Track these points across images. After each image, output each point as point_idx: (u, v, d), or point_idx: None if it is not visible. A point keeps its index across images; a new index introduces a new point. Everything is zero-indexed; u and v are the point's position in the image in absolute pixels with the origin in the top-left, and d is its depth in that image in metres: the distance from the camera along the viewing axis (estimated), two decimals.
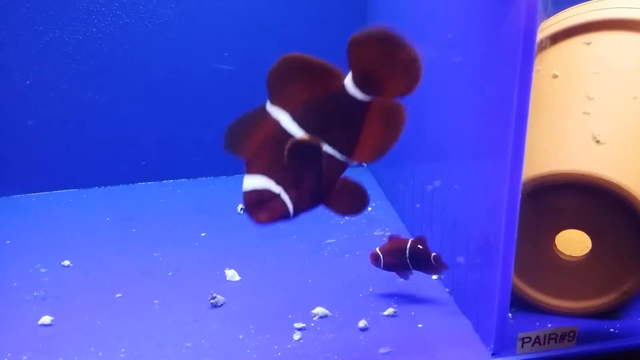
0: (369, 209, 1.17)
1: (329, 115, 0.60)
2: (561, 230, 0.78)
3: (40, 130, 1.21)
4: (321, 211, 1.15)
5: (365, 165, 1.35)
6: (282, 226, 1.08)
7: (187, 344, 0.79)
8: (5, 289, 0.93)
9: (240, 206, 1.16)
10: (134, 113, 1.23)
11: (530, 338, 0.74)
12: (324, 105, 0.60)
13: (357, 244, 1.04)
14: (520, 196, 0.68)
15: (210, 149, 1.29)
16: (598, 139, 0.75)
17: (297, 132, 0.59)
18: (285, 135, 0.59)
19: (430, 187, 0.98)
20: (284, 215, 0.61)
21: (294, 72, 0.61)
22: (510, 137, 0.66)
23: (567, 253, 0.80)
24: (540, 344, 0.75)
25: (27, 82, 1.18)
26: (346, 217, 0.60)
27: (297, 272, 0.96)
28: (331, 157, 0.61)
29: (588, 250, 0.79)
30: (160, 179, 1.29)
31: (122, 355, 0.77)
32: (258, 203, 0.60)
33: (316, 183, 0.61)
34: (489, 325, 0.76)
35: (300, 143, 0.58)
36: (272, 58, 1.28)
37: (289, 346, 0.79)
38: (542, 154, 0.75)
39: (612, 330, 0.80)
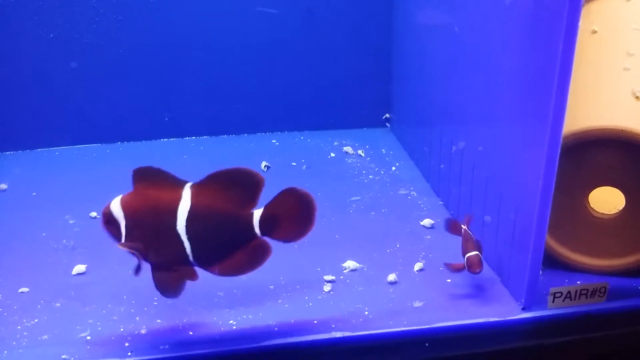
0: (393, 168, 1.17)
1: (220, 235, 0.69)
2: (596, 187, 0.78)
3: (63, 85, 1.20)
4: (344, 170, 1.16)
5: (389, 125, 1.35)
6: (306, 183, 1.11)
7: (220, 294, 0.80)
8: (34, 239, 0.93)
9: (264, 163, 1.16)
10: (158, 68, 1.22)
11: (561, 293, 0.75)
12: (224, 226, 0.68)
13: (382, 202, 1.04)
14: (558, 154, 0.68)
15: (234, 106, 1.28)
16: (638, 95, 0.74)
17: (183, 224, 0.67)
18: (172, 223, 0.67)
19: (454, 148, 0.98)
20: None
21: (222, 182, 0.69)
22: (552, 96, 0.65)
23: (600, 211, 0.80)
24: (571, 299, 0.75)
25: (51, 35, 1.17)
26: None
27: (323, 228, 0.96)
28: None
29: (621, 208, 0.79)
30: (182, 136, 1.28)
31: (155, 304, 0.78)
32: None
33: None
34: (520, 280, 0.76)
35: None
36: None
37: (319, 297, 0.79)
38: (580, 109, 0.75)
39: None
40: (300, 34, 1.25)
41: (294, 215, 0.70)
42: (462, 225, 0.82)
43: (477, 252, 0.77)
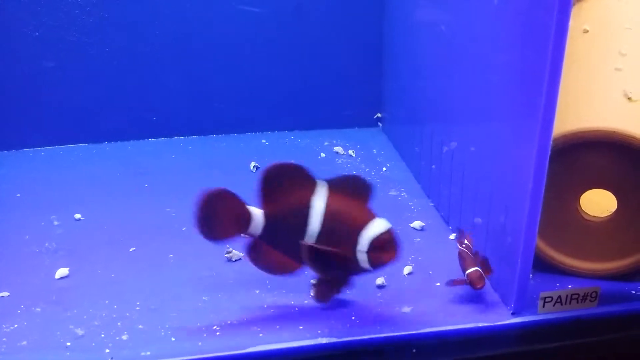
0: (384, 169, 1.16)
1: None
2: (587, 190, 0.77)
3: (48, 84, 1.19)
4: (335, 170, 1.15)
5: (380, 125, 1.34)
6: None
7: (204, 298, 0.78)
8: (17, 241, 0.91)
9: (253, 164, 1.14)
10: (145, 67, 1.21)
11: (552, 298, 0.74)
12: None
13: (372, 203, 1.02)
14: (549, 154, 0.67)
15: (222, 106, 1.27)
16: (630, 96, 0.73)
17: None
18: None
19: (445, 149, 0.96)
20: None
21: None
22: (542, 95, 0.64)
23: (591, 214, 0.79)
24: (562, 304, 0.74)
25: (36, 34, 1.15)
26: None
27: None
28: None
29: (612, 211, 0.77)
30: (171, 135, 1.27)
31: (137, 308, 0.77)
32: None
33: None
34: (509, 285, 0.75)
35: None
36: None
37: (306, 302, 0.78)
38: (571, 110, 0.73)
39: (633, 292, 0.79)
40: (290, 32, 1.23)
41: None
42: (465, 241, 0.81)
43: (476, 268, 0.76)
